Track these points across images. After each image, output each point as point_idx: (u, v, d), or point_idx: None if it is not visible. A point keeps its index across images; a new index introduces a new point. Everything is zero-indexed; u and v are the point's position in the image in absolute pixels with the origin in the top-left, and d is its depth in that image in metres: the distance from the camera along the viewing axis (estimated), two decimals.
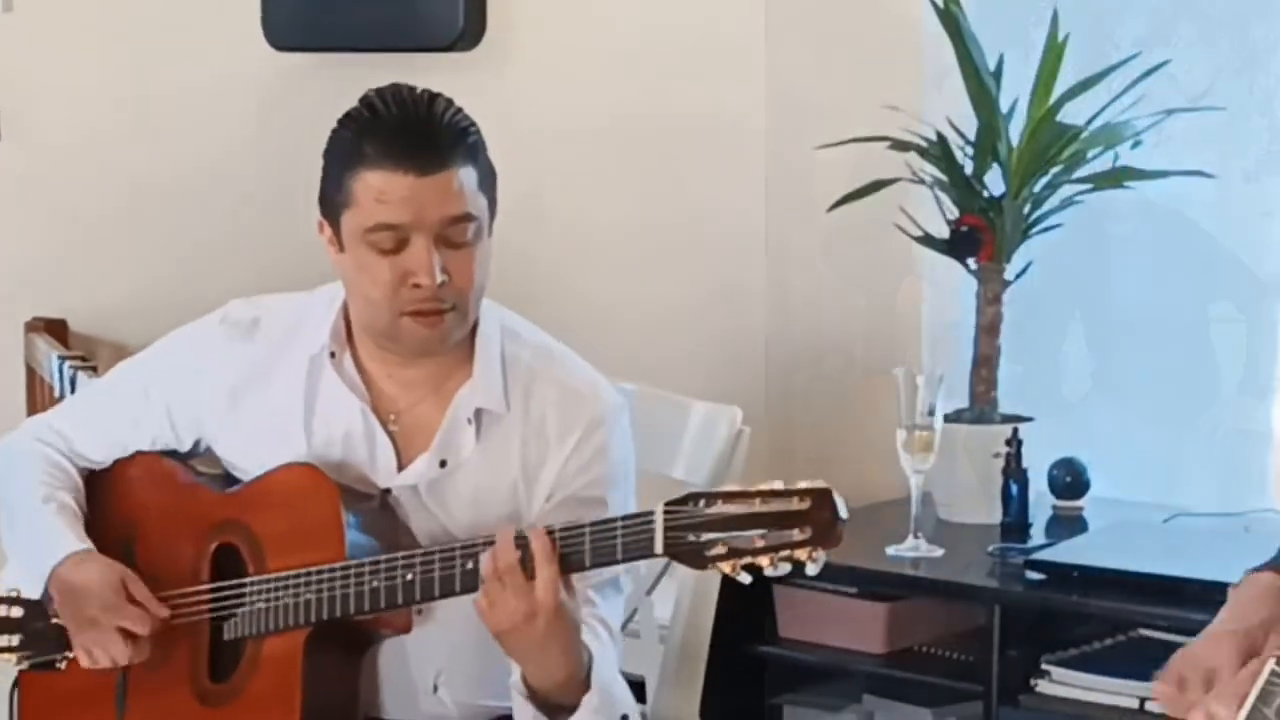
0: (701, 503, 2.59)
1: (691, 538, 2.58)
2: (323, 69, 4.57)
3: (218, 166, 4.88)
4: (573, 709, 2.74)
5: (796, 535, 2.55)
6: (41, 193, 5.15)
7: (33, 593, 2.99)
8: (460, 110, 2.86)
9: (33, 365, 4.93)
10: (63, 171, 5.12)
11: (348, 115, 2.85)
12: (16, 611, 2.73)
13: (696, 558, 2.58)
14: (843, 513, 2.56)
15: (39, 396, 4.88)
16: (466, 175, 2.80)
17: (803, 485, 2.57)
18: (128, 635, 2.89)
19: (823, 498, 2.56)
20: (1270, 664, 2.04)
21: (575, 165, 4.41)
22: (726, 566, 2.57)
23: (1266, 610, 2.44)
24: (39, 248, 5.15)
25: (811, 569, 2.55)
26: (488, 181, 2.86)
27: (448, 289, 2.80)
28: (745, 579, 2.58)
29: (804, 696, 3.68)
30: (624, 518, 2.65)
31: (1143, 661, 3.22)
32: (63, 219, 5.12)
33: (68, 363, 4.38)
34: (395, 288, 2.80)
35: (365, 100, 2.85)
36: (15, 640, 2.73)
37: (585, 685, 2.74)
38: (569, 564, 2.66)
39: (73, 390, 4.28)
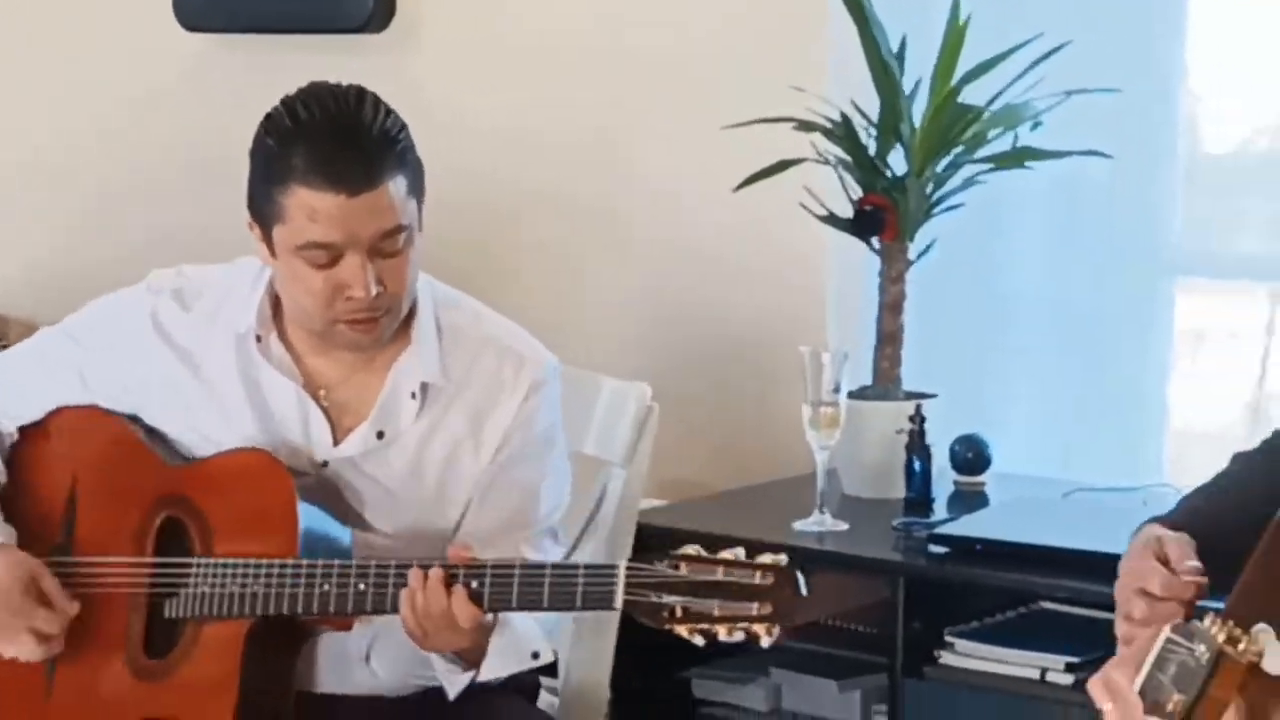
0: (665, 564, 2.67)
1: (653, 597, 2.68)
2: (234, 50, 4.62)
3: (125, 145, 4.89)
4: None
5: (755, 610, 2.65)
6: None
7: None
8: (389, 113, 2.90)
9: None
10: None
11: (271, 120, 2.89)
12: None
13: (654, 617, 2.68)
14: (804, 589, 2.64)
15: None
16: (397, 186, 2.87)
17: (767, 559, 2.67)
18: (39, 634, 2.94)
19: (785, 576, 2.65)
20: (1166, 631, 2.10)
21: (486, 146, 4.46)
22: (683, 630, 2.67)
23: (1146, 535, 2.51)
24: None
25: (765, 642, 2.65)
26: (417, 183, 2.93)
27: (382, 297, 2.89)
28: (699, 642, 2.68)
29: (712, 670, 3.73)
30: (586, 567, 2.76)
31: (1044, 633, 3.35)
32: None
33: None
34: (329, 299, 2.88)
35: (288, 106, 2.89)
36: None
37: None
38: (526, 602, 2.76)
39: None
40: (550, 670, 3.29)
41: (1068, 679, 3.25)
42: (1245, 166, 4.00)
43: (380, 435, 3.00)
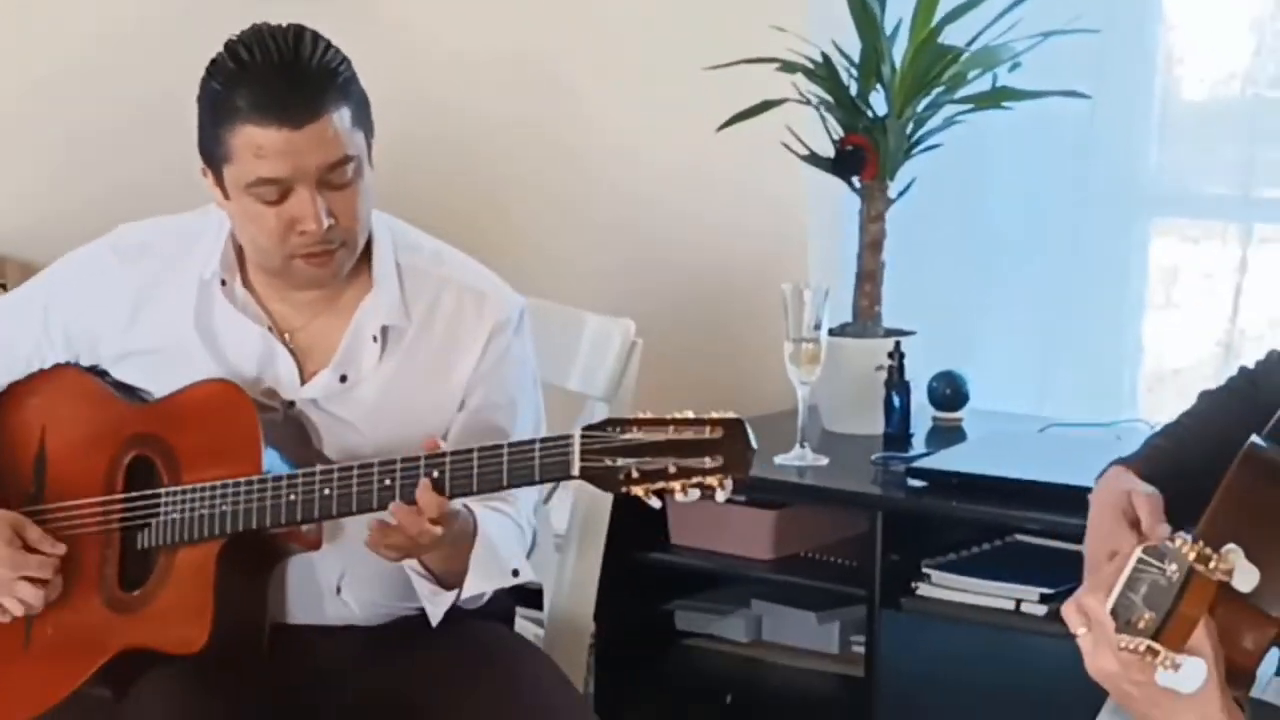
0: (617, 429, 2.62)
1: (607, 462, 2.61)
2: None
3: (130, 71, 4.70)
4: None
5: (708, 463, 2.58)
6: None
7: None
8: (328, 47, 2.85)
9: None
10: None
11: (214, 64, 2.85)
12: None
13: (611, 481, 2.62)
14: (753, 443, 2.59)
15: None
16: (340, 117, 2.80)
17: (715, 415, 2.61)
18: (34, 581, 2.90)
19: (735, 428, 2.59)
20: (1137, 552, 2.07)
21: (467, 80, 4.37)
22: (639, 490, 2.61)
23: (1120, 484, 2.51)
24: None
25: (720, 496, 2.59)
26: (362, 114, 2.87)
27: (335, 229, 2.82)
28: (656, 503, 2.62)
29: (695, 602, 3.73)
30: (542, 440, 2.69)
31: (1018, 565, 3.33)
32: None
33: None
34: (283, 235, 2.82)
35: (230, 49, 2.84)
36: None
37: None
38: (487, 484, 2.70)
39: None
40: (533, 602, 3.25)
41: (1041, 609, 3.24)
42: (1220, 110, 3.93)
43: (343, 379, 2.94)
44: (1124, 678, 2.08)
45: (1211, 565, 2.01)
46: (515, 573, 2.85)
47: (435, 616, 2.88)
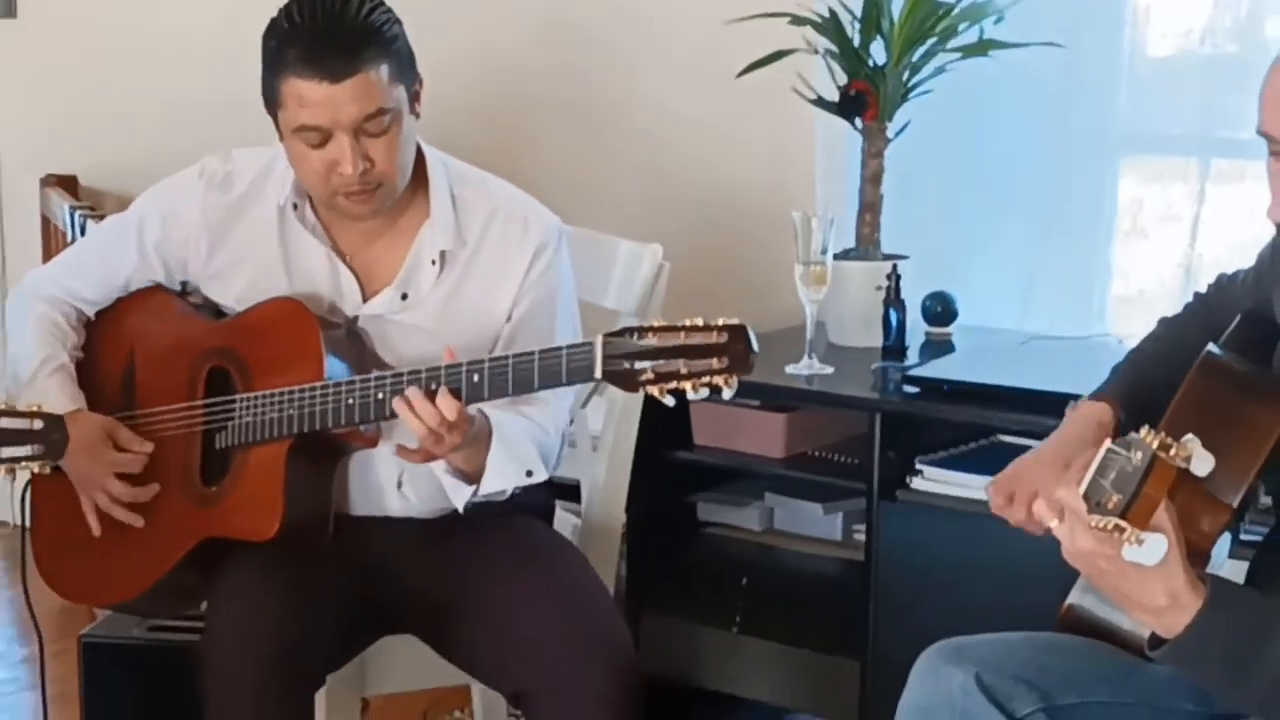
0: (634, 335, 2.58)
1: (625, 365, 2.57)
2: None
3: (202, 42, 4.81)
4: None
5: (715, 364, 2.55)
6: (54, 65, 5.10)
7: None
8: (375, 8, 2.81)
9: (47, 215, 4.90)
10: (72, 46, 5.07)
11: (272, 23, 2.83)
12: (38, 424, 2.69)
13: (629, 382, 2.58)
14: (754, 345, 2.55)
15: (53, 242, 4.86)
16: (378, 73, 2.77)
17: (721, 321, 2.57)
18: (124, 478, 2.90)
19: (738, 333, 2.55)
20: (1107, 443, 2.04)
21: (507, 34, 4.34)
22: (654, 390, 2.57)
23: (1087, 440, 2.45)
24: (52, 112, 5.11)
25: (727, 393, 2.56)
26: (404, 69, 2.83)
27: (371, 173, 2.80)
28: (669, 401, 2.59)
29: (714, 495, 3.70)
30: (568, 346, 2.65)
31: (1001, 462, 3.23)
32: (72, 87, 5.07)
33: (78, 212, 4.35)
34: (326, 175, 2.80)
35: (286, 8, 2.82)
36: (39, 449, 2.70)
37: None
38: (520, 386, 2.67)
39: (83, 235, 4.25)
40: (571, 496, 3.22)
41: None
42: (1181, 60, 3.82)
43: (404, 297, 2.92)
44: (1098, 555, 2.04)
45: (1172, 452, 1.99)
46: (529, 473, 2.82)
47: (460, 505, 2.86)
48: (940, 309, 3.68)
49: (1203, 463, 2.04)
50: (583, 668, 2.75)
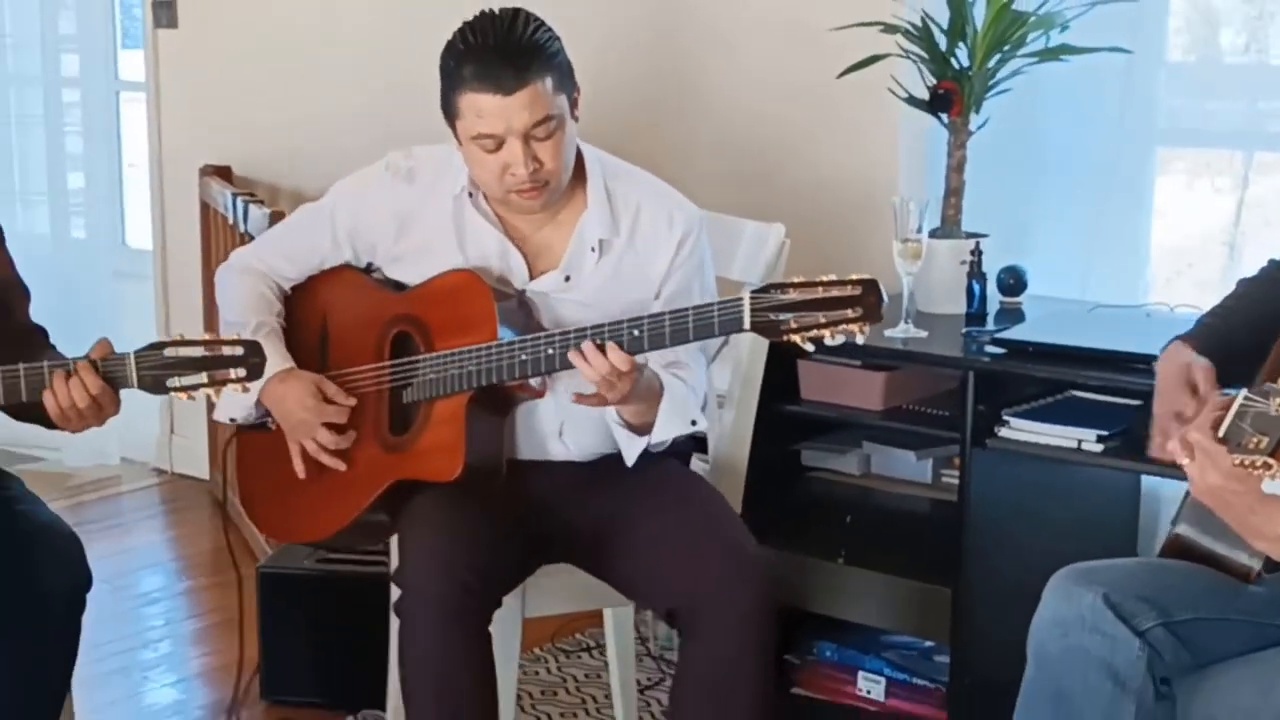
0: (778, 290, 2.58)
1: (771, 316, 2.58)
2: None
3: (349, 49, 4.86)
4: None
5: (850, 314, 2.57)
6: (210, 68, 5.13)
7: (246, 409, 3.01)
8: (539, 27, 2.82)
9: (206, 200, 4.93)
10: (225, 52, 5.10)
11: (450, 44, 2.84)
12: (239, 350, 2.66)
13: (774, 332, 2.58)
14: (885, 295, 2.55)
15: (210, 223, 4.92)
16: (544, 85, 2.78)
17: (854, 276, 2.57)
18: (330, 427, 2.94)
19: (870, 286, 2.56)
20: (1243, 392, 2.05)
21: (647, 46, 4.35)
22: (797, 338, 2.58)
23: (1182, 358, 2.52)
24: (210, 110, 5.15)
25: (860, 339, 2.56)
26: (565, 80, 2.84)
27: (539, 172, 2.81)
28: (810, 348, 2.58)
29: (819, 443, 3.70)
30: (719, 303, 2.64)
31: (1076, 413, 3.28)
32: (225, 88, 5.10)
33: (239, 198, 4.37)
34: (500, 175, 2.82)
35: (461, 31, 2.83)
36: (242, 372, 2.66)
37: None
38: (677, 338, 2.68)
39: (245, 218, 4.29)
40: (701, 447, 3.21)
41: (1098, 448, 3.19)
42: (1219, 65, 3.85)
43: (567, 279, 2.93)
44: (1227, 489, 2.05)
45: None
46: (694, 423, 2.83)
47: (630, 458, 2.88)
48: (1012, 281, 3.66)
49: None
50: (730, 587, 2.75)
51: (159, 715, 3.82)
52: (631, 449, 2.91)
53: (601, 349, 2.69)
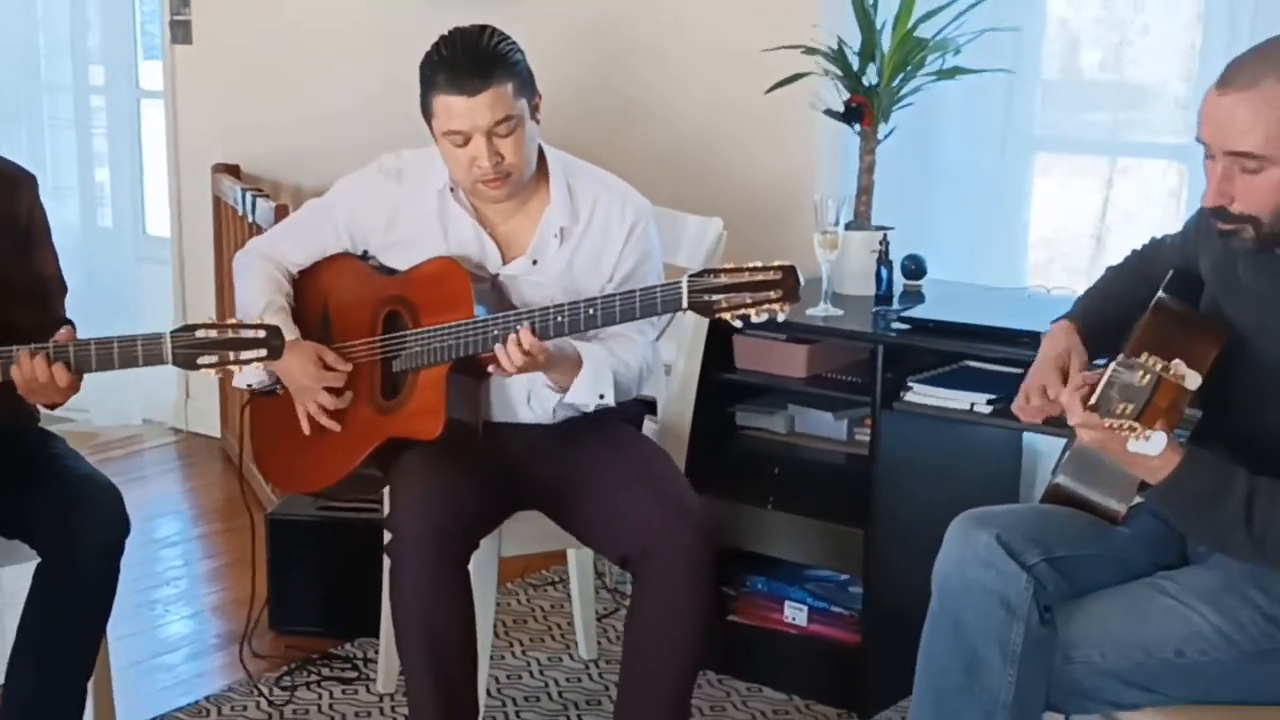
0: (712, 275, 2.59)
1: (705, 297, 2.59)
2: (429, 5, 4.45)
3: (344, 61, 4.83)
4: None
5: (772, 295, 2.58)
6: (221, 79, 5.10)
7: (260, 377, 3.00)
8: (502, 40, 2.81)
9: (218, 195, 4.90)
10: (235, 65, 5.06)
11: (428, 54, 2.84)
12: (262, 333, 2.66)
13: (707, 310, 2.60)
14: (801, 279, 2.57)
15: (222, 216, 4.90)
16: (505, 89, 2.77)
17: (776, 263, 2.58)
18: (330, 390, 2.93)
19: (789, 271, 2.58)
20: (1112, 364, 2.05)
21: (594, 60, 4.30)
22: (728, 316, 2.59)
23: (1064, 343, 2.48)
24: (220, 115, 5.11)
25: (780, 317, 2.58)
26: (525, 85, 2.82)
27: (501, 165, 2.80)
28: (738, 324, 2.60)
29: (751, 406, 3.69)
30: (661, 285, 2.66)
31: (969, 380, 3.30)
32: (235, 96, 5.06)
33: (249, 193, 4.34)
34: (468, 167, 2.81)
35: (436, 44, 2.84)
36: (263, 352, 2.66)
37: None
38: (627, 316, 2.68)
39: (252, 209, 4.28)
40: (652, 410, 3.23)
41: (988, 409, 3.21)
42: (1086, 83, 3.85)
43: (535, 263, 2.92)
44: (1105, 444, 2.09)
45: (1171, 373, 2.00)
46: (601, 396, 2.83)
47: (550, 406, 2.91)
48: (914, 267, 3.67)
49: (1193, 380, 2.03)
50: (675, 533, 2.76)
51: (178, 644, 3.81)
52: (548, 402, 2.92)
53: (517, 339, 2.69)
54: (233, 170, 4.94)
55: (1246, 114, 2.17)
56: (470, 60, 2.80)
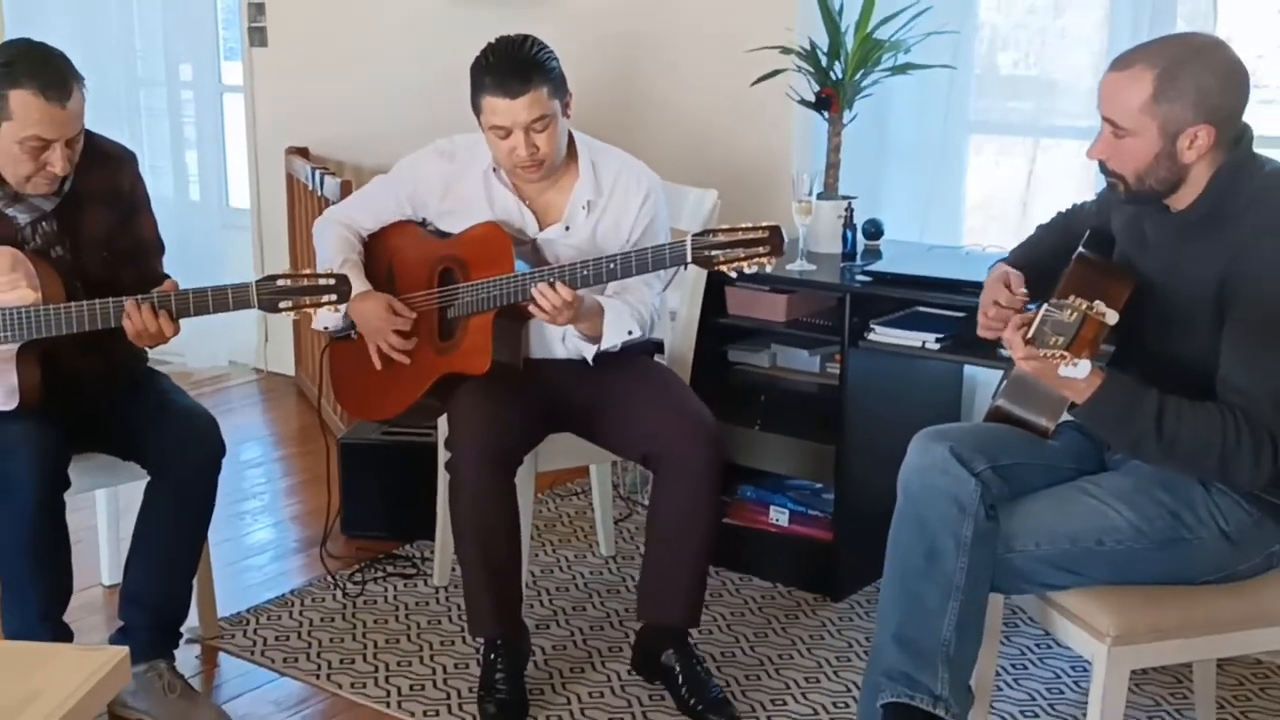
0: (712, 234, 2.60)
1: (706, 253, 2.61)
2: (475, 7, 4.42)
3: (401, 56, 4.76)
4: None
5: (761, 250, 2.60)
6: (293, 73, 5.05)
7: (336, 321, 3.00)
8: (541, 48, 2.78)
9: (290, 172, 4.87)
10: (305, 61, 5.00)
11: (477, 60, 2.81)
12: (332, 280, 2.68)
13: (708, 264, 2.62)
14: (785, 237, 2.59)
15: (294, 192, 4.89)
16: (542, 91, 2.75)
17: (765, 224, 2.60)
18: (398, 332, 2.94)
19: (775, 230, 2.60)
20: (1045, 306, 2.07)
21: (607, 55, 4.26)
22: (725, 268, 2.61)
23: (1003, 268, 2.51)
24: (291, 106, 5.06)
25: (769, 269, 2.61)
26: (558, 87, 2.80)
27: (536, 155, 2.79)
28: (733, 275, 2.63)
29: (741, 345, 3.70)
30: (669, 244, 2.67)
31: (920, 322, 3.31)
32: (305, 89, 5.02)
33: (319, 171, 4.32)
34: (509, 155, 2.81)
35: (484, 51, 2.81)
36: (334, 296, 2.68)
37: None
38: (641, 268, 2.68)
39: (321, 185, 4.27)
40: (660, 349, 3.22)
41: (936, 346, 3.22)
42: (1012, 77, 3.83)
43: (567, 229, 2.92)
44: (1040, 371, 2.10)
45: (1094, 311, 2.01)
46: (630, 332, 2.84)
47: (590, 356, 2.89)
48: (874, 230, 3.67)
49: (1112, 317, 2.06)
50: (691, 439, 2.79)
51: (265, 548, 3.83)
52: (588, 352, 2.92)
53: (553, 286, 2.69)
54: (302, 152, 4.91)
55: (1117, 90, 2.23)
56: (513, 67, 2.78)
